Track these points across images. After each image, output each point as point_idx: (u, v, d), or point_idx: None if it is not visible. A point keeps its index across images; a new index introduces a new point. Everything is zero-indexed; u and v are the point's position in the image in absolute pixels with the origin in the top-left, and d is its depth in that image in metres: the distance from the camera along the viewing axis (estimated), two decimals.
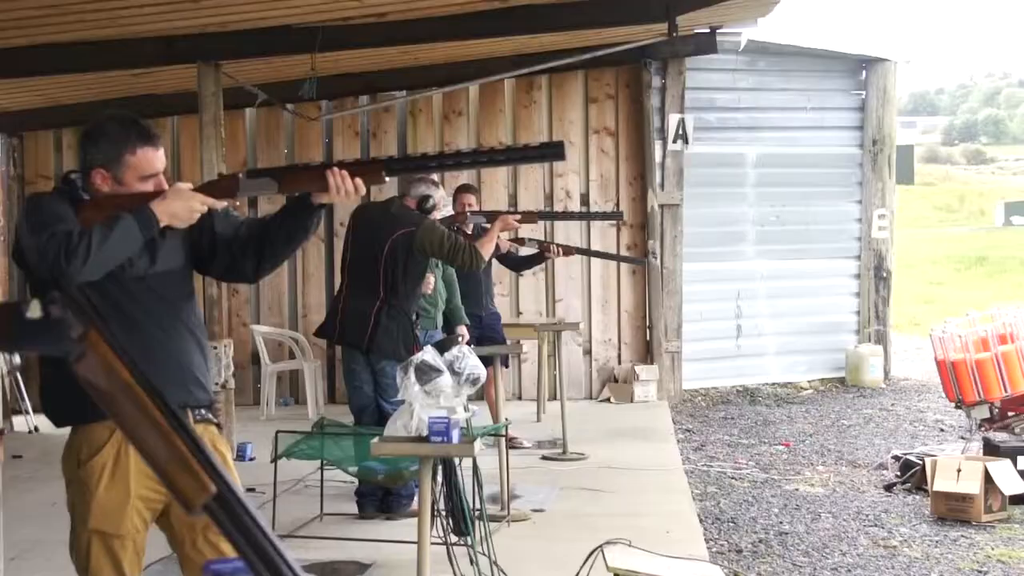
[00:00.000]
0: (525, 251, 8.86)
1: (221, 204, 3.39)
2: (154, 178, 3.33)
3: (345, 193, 3.33)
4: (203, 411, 3.45)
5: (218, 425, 3.58)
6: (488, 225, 7.23)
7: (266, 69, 9.36)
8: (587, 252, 10.24)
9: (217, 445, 3.45)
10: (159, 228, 3.24)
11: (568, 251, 8.98)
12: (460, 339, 6.09)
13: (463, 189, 8.37)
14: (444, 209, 8.48)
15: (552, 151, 3.81)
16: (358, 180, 3.34)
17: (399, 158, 4.34)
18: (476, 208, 8.18)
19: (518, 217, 7.30)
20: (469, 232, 7.90)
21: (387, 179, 3.63)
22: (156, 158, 3.35)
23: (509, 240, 8.89)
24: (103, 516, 3.28)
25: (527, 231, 9.32)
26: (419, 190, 6.46)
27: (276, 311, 11.20)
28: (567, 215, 9.90)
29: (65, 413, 3.36)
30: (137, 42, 8.18)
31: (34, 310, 1.78)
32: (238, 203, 3.51)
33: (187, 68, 8.51)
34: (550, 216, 9.36)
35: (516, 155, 5.08)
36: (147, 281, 3.34)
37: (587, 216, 10.27)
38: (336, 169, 3.33)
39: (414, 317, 6.65)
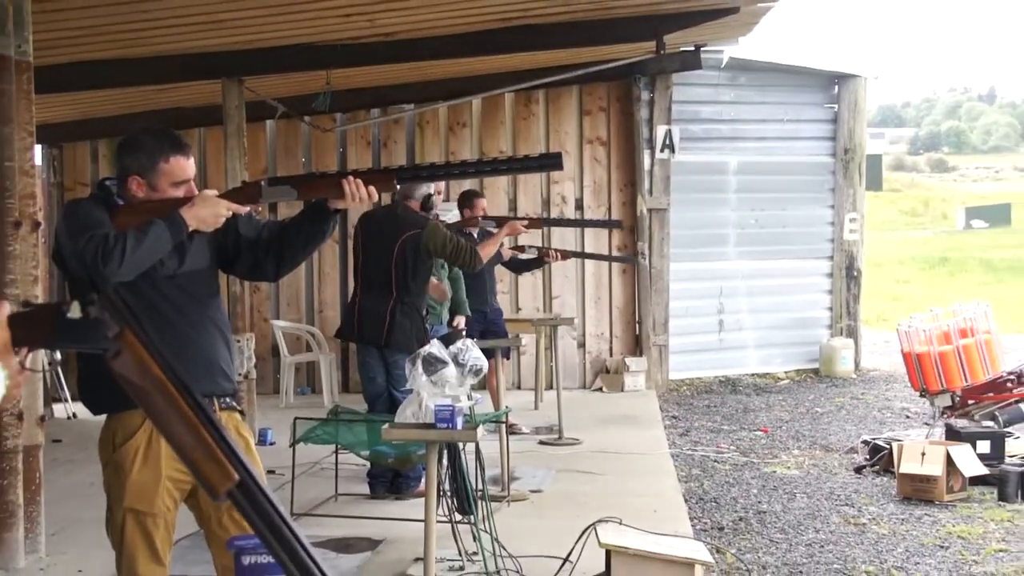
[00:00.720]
0: (525, 256, 8.91)
1: (245, 209, 3.40)
2: (185, 184, 3.35)
3: (359, 200, 3.34)
4: (228, 399, 3.47)
5: (242, 412, 3.59)
6: (495, 229, 7.22)
7: (285, 84, 9.37)
8: (581, 255, 10.24)
9: (240, 431, 3.47)
10: (188, 231, 3.25)
11: (565, 255, 9.04)
12: (462, 332, 6.11)
13: (474, 195, 8.35)
14: (450, 213, 8.50)
15: (550, 161, 3.81)
16: (371, 188, 3.34)
17: (409, 167, 4.33)
18: (485, 209, 8.25)
19: (525, 223, 7.30)
20: (475, 235, 7.93)
21: (398, 187, 3.64)
22: (187, 165, 3.36)
23: (511, 248, 8.93)
24: (136, 496, 3.29)
25: (526, 239, 9.35)
26: (421, 191, 6.46)
27: (294, 307, 11.21)
28: (570, 222, 9.83)
29: (101, 402, 3.37)
30: (166, 59, 8.19)
31: (74, 311, 1.79)
32: (260, 208, 3.51)
33: (212, 83, 8.52)
34: (554, 223, 9.31)
35: (517, 165, 5.07)
36: (176, 280, 3.36)
37: (589, 223, 10.21)
38: (351, 177, 3.33)
39: (424, 312, 6.67)
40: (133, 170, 3.32)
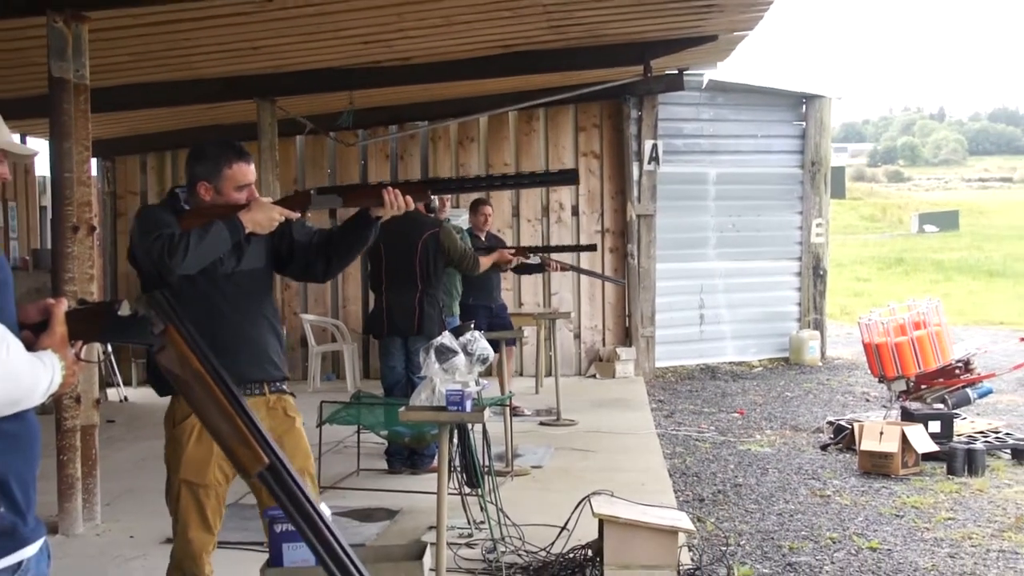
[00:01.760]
0: (530, 262, 8.93)
1: (295, 215, 3.39)
2: (247, 188, 3.35)
3: (397, 208, 3.35)
4: (278, 384, 3.47)
5: (292, 395, 3.57)
6: (497, 232, 7.28)
7: (313, 103, 9.38)
8: (578, 270, 10.18)
9: (289, 412, 3.49)
10: (245, 233, 3.26)
11: (564, 268, 9.02)
12: (471, 325, 6.09)
13: (482, 202, 8.39)
14: (460, 218, 8.49)
15: (568, 176, 3.81)
16: (408, 197, 3.36)
17: (441, 179, 4.32)
18: (491, 215, 8.42)
19: (513, 251, 7.27)
20: (483, 239, 7.97)
21: (432, 197, 3.63)
22: (249, 171, 3.37)
23: (513, 253, 8.94)
24: (190, 468, 3.29)
25: (526, 232, 9.35)
26: None
27: (321, 303, 11.22)
28: (554, 248, 9.36)
29: (166, 385, 3.38)
30: (207, 82, 8.20)
31: (124, 309, 1.79)
32: (310, 215, 3.51)
33: (248, 103, 8.54)
34: (539, 250, 8.99)
35: (537, 179, 4.96)
36: (234, 278, 3.37)
37: (569, 248, 9.86)
38: (391, 188, 3.35)
39: (440, 304, 6.72)
40: (201, 176, 3.34)
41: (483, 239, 8.11)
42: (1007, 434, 7.67)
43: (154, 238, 3.18)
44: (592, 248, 9.26)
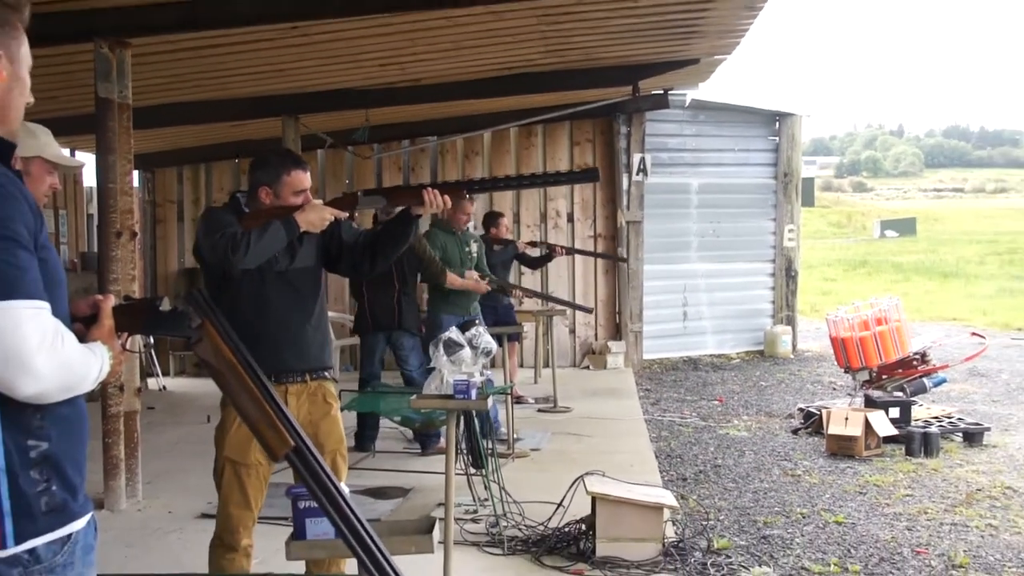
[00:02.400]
0: (536, 254, 9.01)
1: (344, 215, 3.40)
2: (303, 192, 3.35)
3: (436, 206, 3.34)
4: (318, 372, 3.45)
5: (335, 380, 3.57)
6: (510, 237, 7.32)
7: (332, 120, 9.36)
8: (583, 252, 10.34)
9: (327, 398, 3.47)
10: (299, 232, 3.27)
11: (569, 251, 9.29)
12: (475, 321, 6.09)
13: (498, 215, 8.49)
14: (475, 230, 8.40)
15: (590, 175, 3.79)
16: (446, 196, 3.34)
17: (477, 180, 4.28)
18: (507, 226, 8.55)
19: (486, 283, 6.95)
20: (495, 248, 8.06)
21: (468, 196, 3.59)
22: (305, 177, 3.37)
23: (526, 243, 9.03)
24: (234, 448, 3.30)
25: (525, 236, 9.36)
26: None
27: (340, 301, 11.19)
28: (531, 292, 9.10)
29: None
30: (238, 101, 8.20)
31: (165, 304, 1.79)
32: (357, 215, 3.52)
33: (274, 120, 8.52)
34: (515, 287, 8.79)
35: (563, 177, 4.69)
36: (286, 275, 3.37)
37: (544, 296, 9.61)
38: (430, 189, 3.34)
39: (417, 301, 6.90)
40: (263, 182, 3.35)
41: (495, 248, 8.10)
42: (959, 419, 7.68)
43: (219, 236, 3.21)
44: (588, 310, 9.32)
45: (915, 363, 8.73)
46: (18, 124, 1.75)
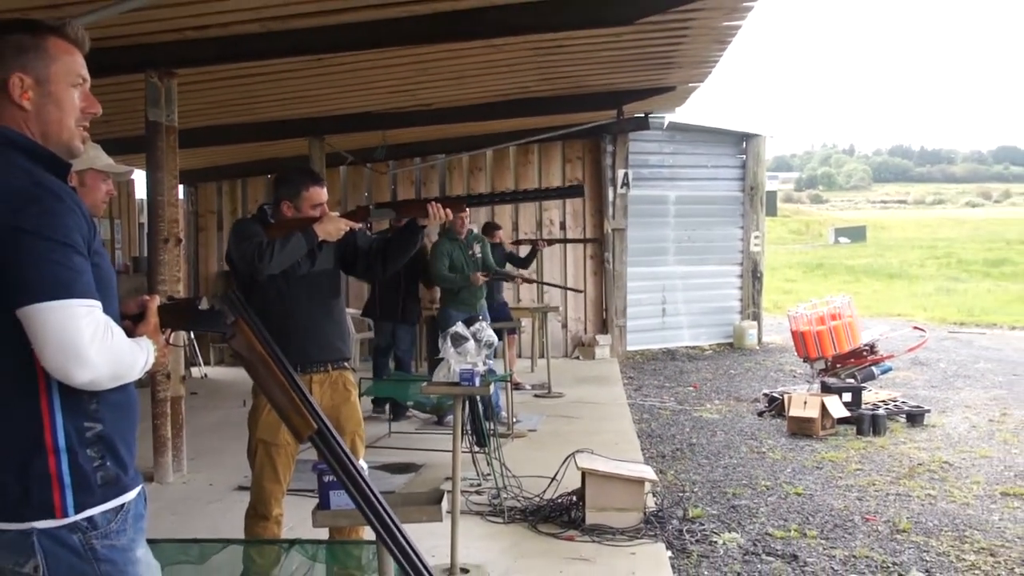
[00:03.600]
0: (524, 253, 9.01)
1: (358, 225, 3.39)
2: (320, 206, 3.35)
3: (439, 218, 3.36)
4: (339, 362, 3.44)
5: (353, 370, 3.56)
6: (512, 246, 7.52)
7: (353, 140, 9.37)
8: (560, 240, 10.52)
9: (347, 386, 3.46)
10: (318, 241, 3.27)
11: (550, 242, 9.46)
12: (479, 317, 6.09)
13: (495, 226, 8.55)
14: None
15: (574, 191, 3.79)
16: (448, 209, 3.36)
17: (474, 195, 4.28)
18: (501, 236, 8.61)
19: (485, 275, 6.86)
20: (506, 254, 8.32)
21: (467, 208, 3.61)
22: (322, 193, 3.36)
23: (512, 243, 9.10)
24: (265, 430, 3.29)
25: (508, 235, 9.37)
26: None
27: (360, 299, 11.17)
28: (529, 279, 8.78)
29: None
30: (270, 124, 8.20)
31: (204, 304, 1.79)
32: (371, 226, 3.52)
33: (302, 140, 8.52)
34: (515, 276, 8.51)
35: (552, 193, 4.85)
36: (308, 278, 3.36)
37: (541, 282, 9.49)
38: (434, 202, 3.36)
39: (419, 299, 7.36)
40: (285, 196, 3.34)
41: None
42: (903, 402, 7.68)
43: (247, 244, 3.20)
44: (578, 291, 9.35)
45: (865, 353, 8.72)
46: (68, 137, 1.72)
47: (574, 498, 4.57)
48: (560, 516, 4.52)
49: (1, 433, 1.62)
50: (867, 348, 8.80)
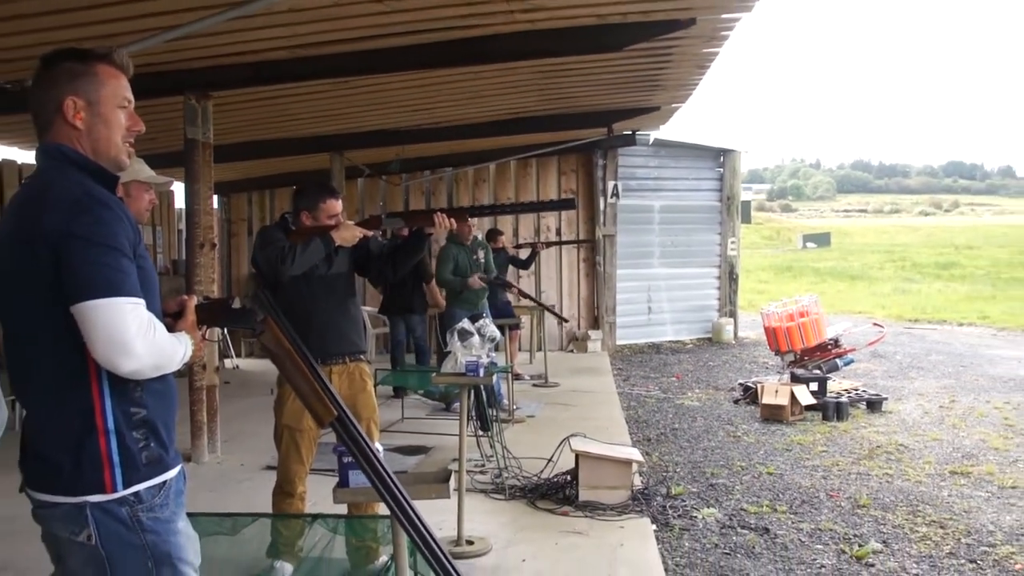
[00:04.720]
0: (524, 255, 9.02)
1: (371, 233, 3.40)
2: (336, 217, 3.35)
3: (444, 228, 3.35)
4: (356, 355, 3.44)
5: (368, 362, 3.56)
6: (514, 250, 7.67)
7: (370, 155, 9.36)
8: (557, 243, 10.53)
9: (363, 376, 3.46)
10: (334, 246, 3.27)
11: (548, 244, 9.56)
12: (482, 315, 6.09)
13: (497, 232, 8.49)
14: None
15: (567, 204, 3.79)
16: (452, 219, 3.36)
17: (475, 207, 4.31)
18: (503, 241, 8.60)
19: (483, 278, 6.75)
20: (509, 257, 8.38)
21: (469, 219, 3.61)
22: (337, 205, 3.37)
23: (514, 247, 9.11)
24: (290, 417, 3.30)
25: (509, 239, 9.42)
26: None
27: (376, 298, 11.18)
28: (525, 294, 8.60)
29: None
30: (295, 140, 8.20)
31: (236, 303, 1.79)
32: (382, 233, 3.52)
33: (323, 155, 8.52)
34: (513, 285, 8.39)
35: (547, 205, 4.89)
36: (326, 279, 3.37)
37: (535, 300, 9.39)
38: (439, 213, 3.35)
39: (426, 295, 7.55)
40: (303, 207, 3.35)
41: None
42: (864, 391, 7.67)
43: (271, 249, 3.21)
44: (565, 320, 9.38)
45: (830, 347, 8.73)
46: (115, 153, 1.74)
47: (568, 477, 4.57)
48: (556, 493, 4.52)
49: (57, 417, 1.64)
50: (832, 342, 8.81)
